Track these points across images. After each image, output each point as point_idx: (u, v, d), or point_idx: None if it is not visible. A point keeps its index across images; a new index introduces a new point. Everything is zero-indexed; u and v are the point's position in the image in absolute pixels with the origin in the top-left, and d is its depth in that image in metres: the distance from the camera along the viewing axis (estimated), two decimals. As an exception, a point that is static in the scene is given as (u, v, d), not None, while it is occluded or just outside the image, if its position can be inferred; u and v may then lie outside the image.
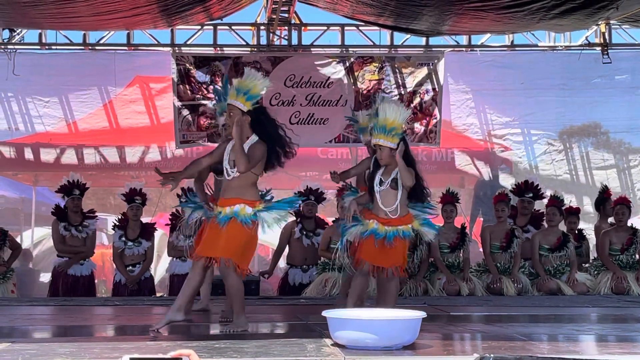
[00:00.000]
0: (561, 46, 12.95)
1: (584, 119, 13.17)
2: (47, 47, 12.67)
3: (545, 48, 12.99)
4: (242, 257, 6.37)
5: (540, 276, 10.48)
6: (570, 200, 11.89)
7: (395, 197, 6.89)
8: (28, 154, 12.98)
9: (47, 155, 12.96)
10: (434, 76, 12.54)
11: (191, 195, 7.59)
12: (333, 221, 10.72)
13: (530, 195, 11.00)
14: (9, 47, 12.33)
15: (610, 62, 12.58)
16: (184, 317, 6.33)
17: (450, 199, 10.56)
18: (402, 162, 6.85)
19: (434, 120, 12.50)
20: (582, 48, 12.88)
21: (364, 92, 12.55)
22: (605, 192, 11.31)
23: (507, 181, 12.59)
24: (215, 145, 8.44)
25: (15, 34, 12.34)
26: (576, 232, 11.24)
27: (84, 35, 12.56)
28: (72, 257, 10.48)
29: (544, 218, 11.04)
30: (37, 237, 13.82)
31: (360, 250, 6.97)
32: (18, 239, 13.13)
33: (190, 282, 6.44)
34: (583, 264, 11.08)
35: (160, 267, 12.56)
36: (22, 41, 12.53)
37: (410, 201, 7.01)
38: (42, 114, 12.91)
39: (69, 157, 12.92)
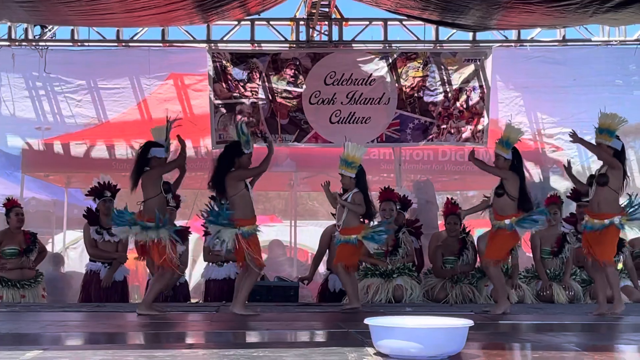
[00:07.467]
0: (616, 41, 12.87)
1: (639, 117, 13.05)
2: (79, 43, 12.82)
3: (599, 43, 12.92)
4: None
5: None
6: None
7: (343, 214, 9.10)
8: (57, 148, 13.13)
9: (78, 148, 13.11)
10: (481, 73, 12.51)
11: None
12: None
13: (587, 199, 10.89)
14: (40, 44, 12.48)
15: (668, 58, 12.50)
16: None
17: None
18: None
19: (482, 119, 12.46)
20: (637, 43, 12.80)
21: (408, 89, 12.55)
22: None
23: (558, 183, 12.52)
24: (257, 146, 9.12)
25: (47, 30, 12.48)
26: None
27: (118, 31, 12.69)
28: (109, 266, 10.55)
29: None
30: (68, 241, 13.97)
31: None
32: (50, 243, 13.31)
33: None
34: None
35: (196, 273, 12.63)
36: (53, 38, 12.67)
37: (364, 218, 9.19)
38: (74, 114, 13.05)
39: (100, 152, 13.04)
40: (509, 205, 8.64)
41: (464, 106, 12.53)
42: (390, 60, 12.56)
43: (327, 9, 12.00)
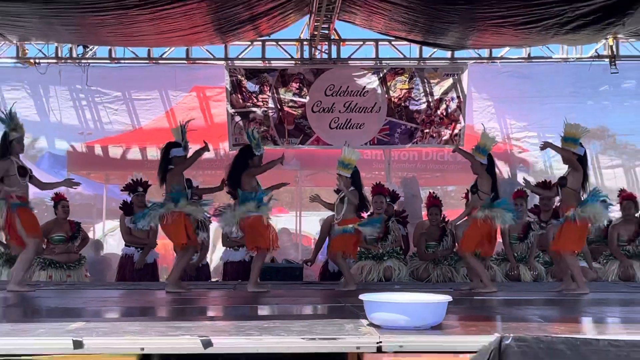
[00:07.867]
0: (573, 58, 12.84)
1: (593, 123, 12.97)
2: (116, 61, 12.80)
3: (559, 60, 12.89)
4: None
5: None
6: None
7: (341, 208, 8.89)
8: (98, 150, 13.15)
9: (115, 150, 13.13)
10: (458, 85, 12.50)
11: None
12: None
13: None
14: (82, 61, 12.49)
15: (617, 72, 12.47)
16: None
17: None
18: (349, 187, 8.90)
19: (459, 125, 12.46)
20: (592, 60, 12.77)
21: (396, 99, 12.55)
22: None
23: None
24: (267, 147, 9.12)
25: (88, 49, 12.48)
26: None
27: (149, 50, 12.67)
28: (142, 250, 10.52)
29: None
30: (107, 229, 13.96)
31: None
32: (91, 231, 13.31)
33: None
34: None
35: (216, 256, 12.62)
36: (94, 56, 12.67)
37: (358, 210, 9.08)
38: (112, 121, 13.07)
39: (134, 154, 13.06)
40: (480, 203, 8.63)
41: (444, 114, 12.51)
42: (381, 75, 12.55)
43: (327, 31, 11.97)
